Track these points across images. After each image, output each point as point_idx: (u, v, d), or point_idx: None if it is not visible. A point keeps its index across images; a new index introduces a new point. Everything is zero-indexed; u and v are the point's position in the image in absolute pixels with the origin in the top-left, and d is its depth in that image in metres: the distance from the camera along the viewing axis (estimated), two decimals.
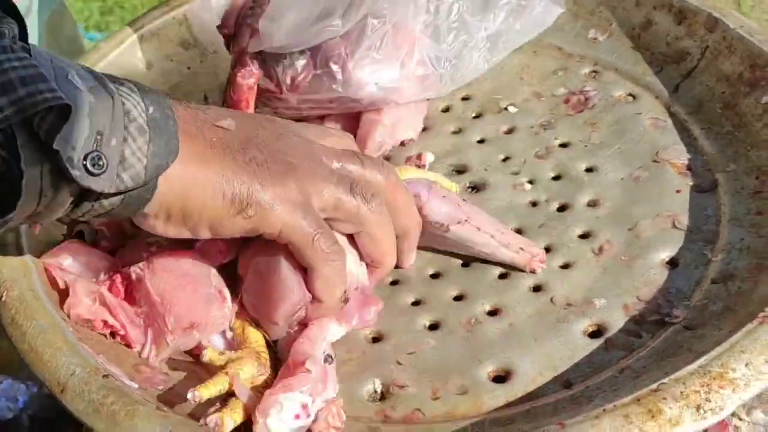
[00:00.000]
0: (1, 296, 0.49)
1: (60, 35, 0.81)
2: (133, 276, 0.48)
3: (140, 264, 0.49)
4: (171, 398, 0.46)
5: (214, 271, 0.50)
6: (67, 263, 0.52)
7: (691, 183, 0.58)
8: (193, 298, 0.47)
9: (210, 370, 0.47)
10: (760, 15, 2.03)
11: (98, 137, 0.41)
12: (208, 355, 0.46)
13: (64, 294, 0.50)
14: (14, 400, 0.91)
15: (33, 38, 0.75)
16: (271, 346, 0.50)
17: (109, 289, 0.49)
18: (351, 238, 0.51)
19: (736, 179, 0.57)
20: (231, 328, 0.50)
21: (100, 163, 0.41)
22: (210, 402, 0.44)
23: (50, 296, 0.50)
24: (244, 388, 0.45)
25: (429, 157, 0.62)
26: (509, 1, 0.67)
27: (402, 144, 0.65)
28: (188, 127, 0.46)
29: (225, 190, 0.45)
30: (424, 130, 0.67)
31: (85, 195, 0.42)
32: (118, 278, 0.49)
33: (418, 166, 0.61)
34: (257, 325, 0.50)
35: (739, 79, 0.61)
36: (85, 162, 0.41)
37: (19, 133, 0.39)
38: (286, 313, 0.48)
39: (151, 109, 0.43)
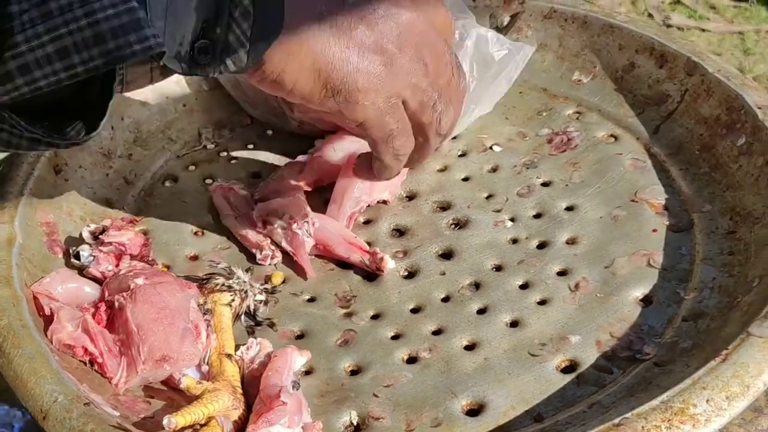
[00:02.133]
0: None
1: None
2: (116, 304, 0.50)
3: (124, 293, 0.51)
4: (151, 426, 0.48)
5: (193, 304, 0.51)
6: (56, 291, 0.53)
7: (668, 222, 0.59)
8: (169, 332, 0.49)
9: (190, 400, 0.48)
10: (764, 49, 2.05)
11: (204, 25, 0.43)
12: (185, 383, 0.47)
13: (50, 321, 0.51)
14: (9, 426, 0.92)
15: None
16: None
17: (93, 317, 0.50)
18: None
19: (710, 219, 0.59)
20: (207, 362, 0.51)
21: (206, 50, 0.43)
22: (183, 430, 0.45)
23: (38, 326, 0.51)
24: (227, 421, 0.47)
25: (390, 264, 0.59)
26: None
27: (385, 202, 0.65)
28: (292, 4, 0.46)
29: (321, 70, 0.47)
30: None
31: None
32: (102, 306, 0.51)
33: (378, 269, 0.59)
34: None
35: (717, 121, 0.63)
36: (191, 52, 0.43)
37: None
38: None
39: None
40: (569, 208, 0.62)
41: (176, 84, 0.72)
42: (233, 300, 0.54)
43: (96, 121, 0.44)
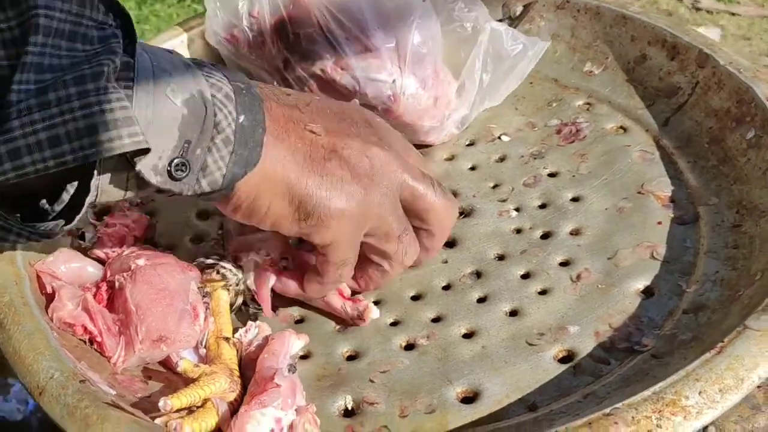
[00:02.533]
0: None
1: None
2: (117, 284, 0.50)
3: (125, 273, 0.51)
4: (147, 406, 0.48)
5: (193, 287, 0.51)
6: (60, 270, 0.54)
7: (673, 215, 0.59)
8: (166, 312, 0.49)
9: (188, 382, 0.49)
10: None
11: (185, 145, 0.45)
12: (182, 366, 0.48)
13: (51, 299, 0.52)
14: (24, 402, 0.94)
15: None
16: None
17: (94, 296, 0.51)
18: None
19: (717, 212, 0.58)
20: (205, 345, 0.51)
21: (183, 168, 0.45)
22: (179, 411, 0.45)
23: (40, 304, 0.52)
24: (222, 403, 0.47)
25: (374, 313, 0.55)
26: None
27: None
28: (276, 129, 0.48)
29: (293, 198, 0.48)
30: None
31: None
32: (103, 286, 0.51)
33: (360, 318, 0.55)
34: None
35: (727, 114, 0.62)
36: (169, 168, 0.45)
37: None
38: None
39: (242, 118, 0.46)
40: (575, 199, 0.62)
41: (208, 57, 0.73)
42: (230, 286, 0.54)
43: (72, 216, 0.45)
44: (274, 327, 0.54)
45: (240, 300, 0.56)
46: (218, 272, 0.55)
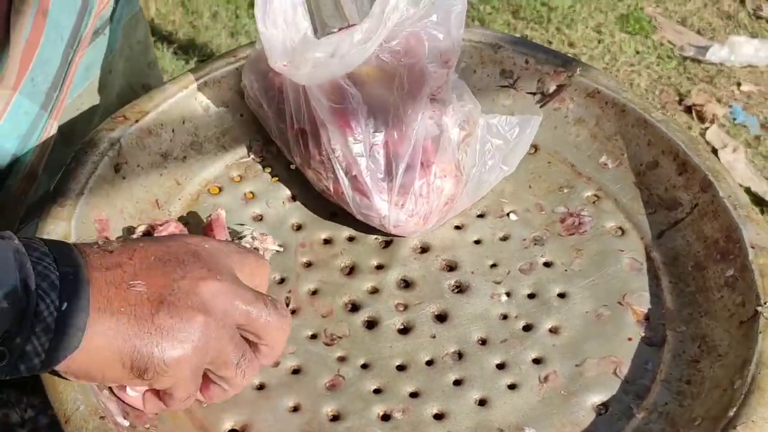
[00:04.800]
0: None
1: (133, 39, 0.89)
2: None
3: None
4: None
5: None
6: None
7: (643, 334, 0.65)
8: None
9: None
10: None
11: (5, 334, 0.48)
12: None
13: None
14: None
15: (113, 40, 0.83)
16: None
17: None
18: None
19: (681, 341, 0.64)
20: None
21: (2, 356, 0.47)
22: None
23: None
24: None
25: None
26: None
27: None
28: (99, 301, 0.50)
29: (125, 361, 0.51)
30: None
31: None
32: None
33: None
34: None
35: (715, 244, 0.67)
36: None
37: None
38: None
39: (64, 305, 0.48)
40: (561, 295, 0.68)
41: (236, 93, 0.78)
42: None
43: None
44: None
45: None
46: None
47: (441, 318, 0.67)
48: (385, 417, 0.61)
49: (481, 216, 0.75)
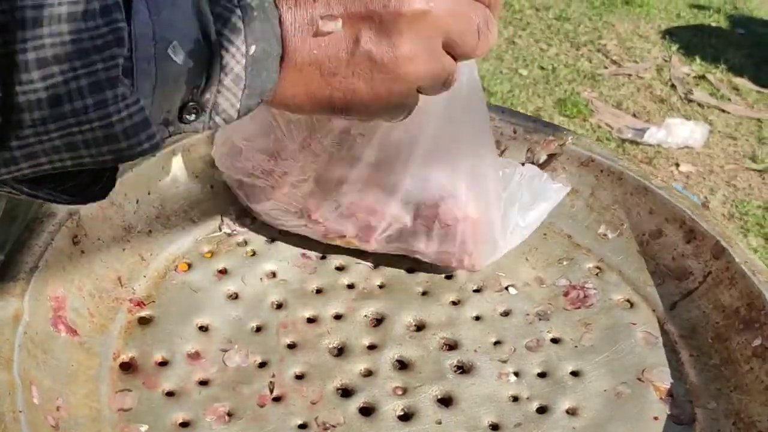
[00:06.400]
0: None
1: None
2: None
3: None
4: None
5: None
6: None
7: (670, 412, 0.59)
8: None
9: None
10: None
11: (194, 90, 0.44)
12: None
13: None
14: None
15: None
16: None
17: None
18: None
19: (714, 418, 0.58)
20: None
21: (194, 111, 0.44)
22: None
23: (31, 416, 0.51)
24: None
25: None
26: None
27: None
28: (290, 43, 0.46)
29: (324, 107, 0.48)
30: (423, 293, 0.68)
31: None
32: None
33: None
34: None
35: (736, 313, 0.63)
36: (180, 114, 0.44)
37: None
38: None
39: (252, 48, 0.44)
40: (575, 373, 0.62)
41: (206, 164, 0.72)
42: None
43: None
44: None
45: None
46: None
47: (445, 402, 0.60)
48: None
49: (477, 290, 0.69)
